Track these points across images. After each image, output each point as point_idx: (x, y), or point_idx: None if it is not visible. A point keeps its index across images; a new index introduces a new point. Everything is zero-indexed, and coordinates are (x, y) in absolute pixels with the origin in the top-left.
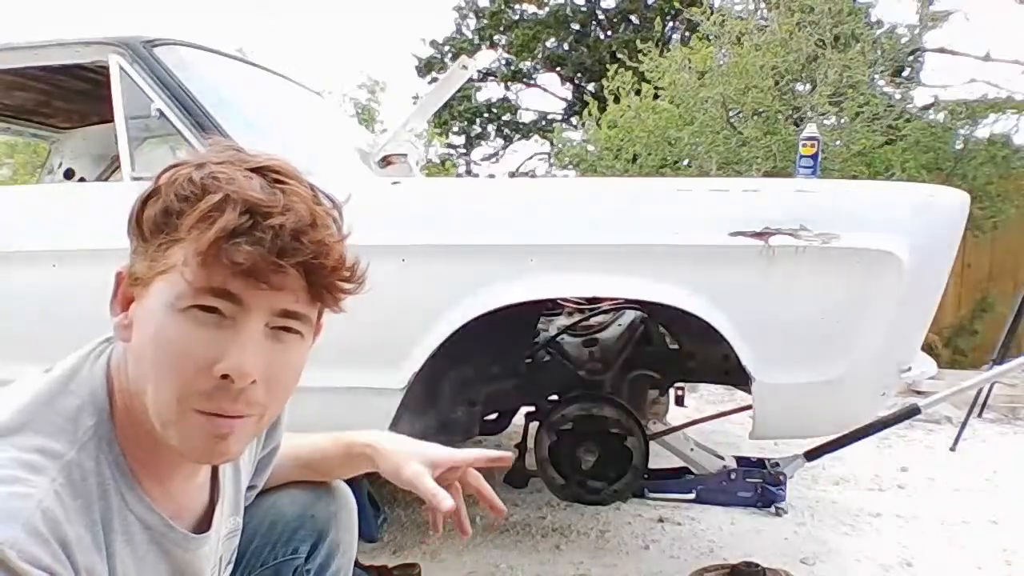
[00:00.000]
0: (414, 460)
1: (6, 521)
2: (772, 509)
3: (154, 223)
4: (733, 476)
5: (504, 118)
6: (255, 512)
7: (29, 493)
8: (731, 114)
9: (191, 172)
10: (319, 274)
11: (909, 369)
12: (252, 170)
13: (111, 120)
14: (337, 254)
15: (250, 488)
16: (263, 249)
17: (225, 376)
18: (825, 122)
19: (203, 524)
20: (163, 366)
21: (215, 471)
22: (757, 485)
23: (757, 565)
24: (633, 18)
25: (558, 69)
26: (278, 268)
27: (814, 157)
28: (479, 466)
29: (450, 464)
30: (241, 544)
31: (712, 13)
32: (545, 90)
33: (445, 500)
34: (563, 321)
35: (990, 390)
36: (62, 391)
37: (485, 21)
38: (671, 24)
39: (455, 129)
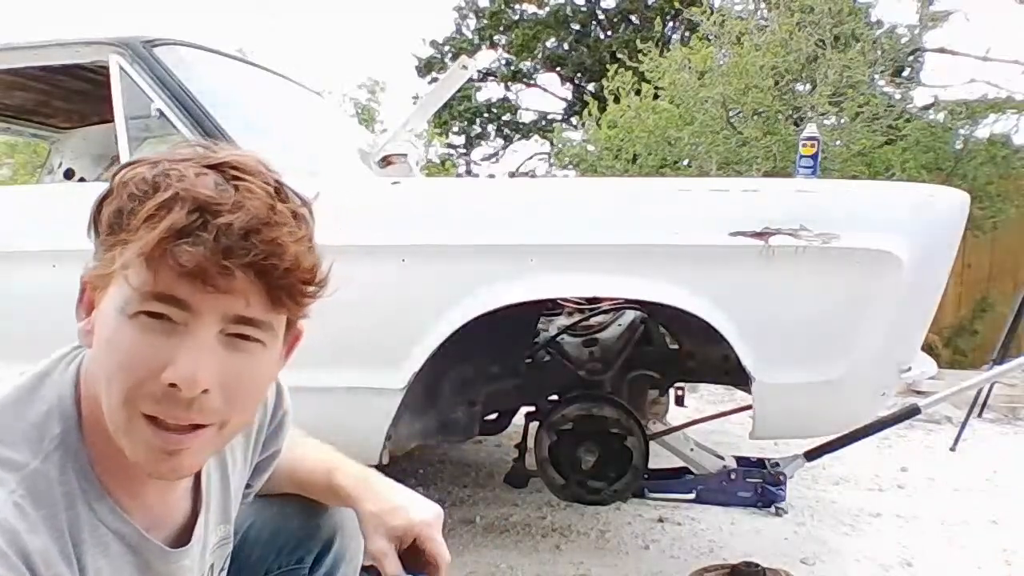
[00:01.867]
0: (380, 535)
1: None
2: (772, 509)
3: (108, 224)
4: (733, 476)
5: (504, 118)
6: (256, 521)
7: None
8: (731, 114)
9: (145, 170)
10: (272, 276)
11: (909, 369)
12: (210, 166)
13: (111, 120)
14: (292, 254)
15: (247, 488)
16: (205, 249)
17: (173, 385)
18: (825, 122)
19: (184, 536)
20: (113, 371)
21: (198, 480)
22: (757, 485)
23: (757, 565)
24: (633, 18)
25: (558, 69)
26: (224, 270)
27: (814, 157)
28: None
29: (415, 541)
30: (243, 554)
31: (712, 13)
32: (545, 90)
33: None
34: (563, 321)
35: (990, 390)
36: (30, 398)
37: (485, 21)
38: (671, 24)
39: (455, 129)
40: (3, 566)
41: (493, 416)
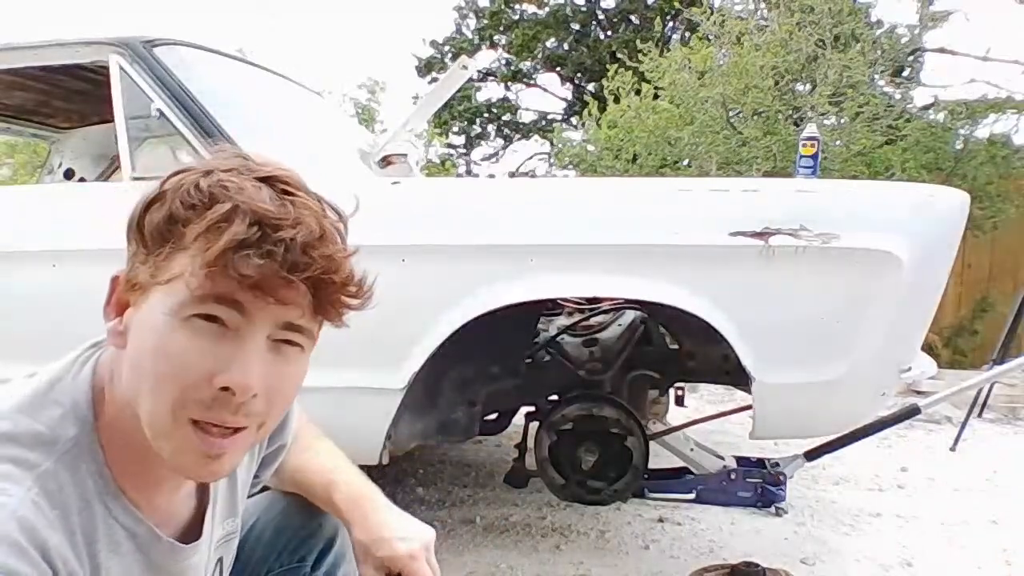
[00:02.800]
0: (367, 564)
1: None
2: (772, 509)
3: (157, 230)
4: (733, 476)
5: (504, 118)
6: (259, 519)
7: (4, 503)
8: (731, 114)
9: (199, 179)
10: (328, 289)
11: (909, 369)
12: (260, 180)
13: (111, 120)
14: (347, 270)
15: (255, 478)
16: (274, 263)
17: (226, 388)
18: (825, 122)
19: (192, 532)
20: (161, 375)
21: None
22: (757, 485)
23: (757, 565)
24: (633, 18)
25: (558, 69)
26: (288, 282)
27: (814, 157)
28: None
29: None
30: (245, 552)
31: (712, 13)
32: (545, 90)
33: None
34: (563, 321)
35: (990, 390)
36: (44, 400)
37: (485, 21)
38: (671, 24)
39: (455, 129)
40: (25, 562)
41: (493, 416)
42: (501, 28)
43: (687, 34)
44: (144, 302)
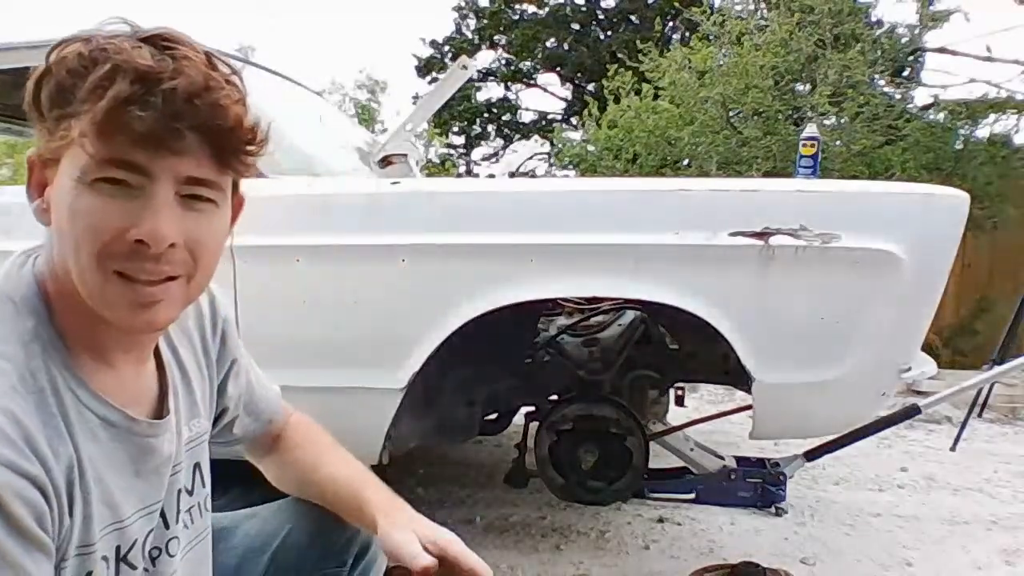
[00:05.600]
0: (406, 531)
1: None
2: (772, 509)
3: (49, 100)
4: (733, 476)
5: (504, 118)
6: (294, 527)
7: None
8: (731, 114)
9: (79, 47)
10: (218, 136)
11: (909, 369)
12: (142, 40)
13: None
14: (235, 115)
15: (224, 394)
16: (156, 113)
17: (140, 241)
18: (825, 122)
19: (158, 412)
20: (80, 235)
21: (160, 363)
22: (757, 485)
23: (757, 565)
24: (633, 18)
25: (558, 69)
26: (174, 132)
27: (814, 157)
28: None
29: (441, 551)
30: (279, 560)
31: (712, 13)
32: (545, 90)
33: (422, 559)
34: (563, 321)
35: (990, 390)
36: None
37: (485, 21)
38: (671, 24)
39: (455, 129)
40: (14, 452)
41: (493, 416)
42: (501, 28)
43: (687, 34)
44: (55, 176)
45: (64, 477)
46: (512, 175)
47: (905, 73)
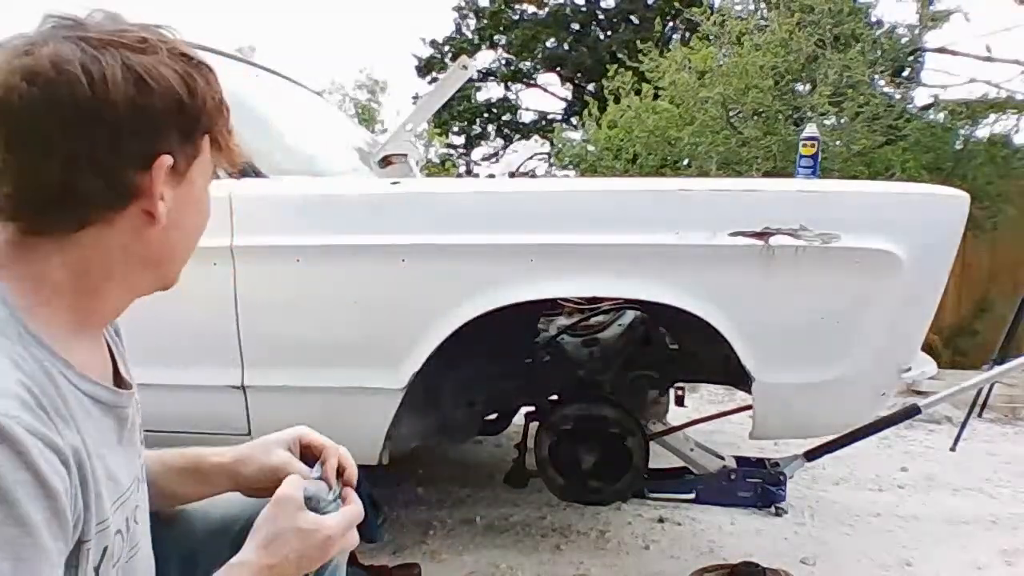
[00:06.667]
0: (277, 446)
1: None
2: (772, 509)
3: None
4: (733, 476)
5: (504, 118)
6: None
7: (3, 370)
8: (731, 114)
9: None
10: None
11: (909, 369)
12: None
13: None
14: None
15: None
16: None
17: None
18: (825, 122)
19: (117, 382)
20: (204, 225)
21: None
22: (757, 485)
23: (757, 565)
24: (633, 18)
25: (558, 69)
26: None
27: (814, 157)
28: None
29: (310, 441)
30: (248, 530)
31: (712, 13)
32: (545, 90)
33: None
34: (563, 321)
35: (990, 390)
36: None
37: (485, 21)
38: (671, 24)
39: (455, 129)
40: (39, 421)
41: (493, 416)
42: (501, 28)
43: (687, 34)
44: (181, 182)
45: (74, 457)
46: (512, 175)
47: (905, 73)
